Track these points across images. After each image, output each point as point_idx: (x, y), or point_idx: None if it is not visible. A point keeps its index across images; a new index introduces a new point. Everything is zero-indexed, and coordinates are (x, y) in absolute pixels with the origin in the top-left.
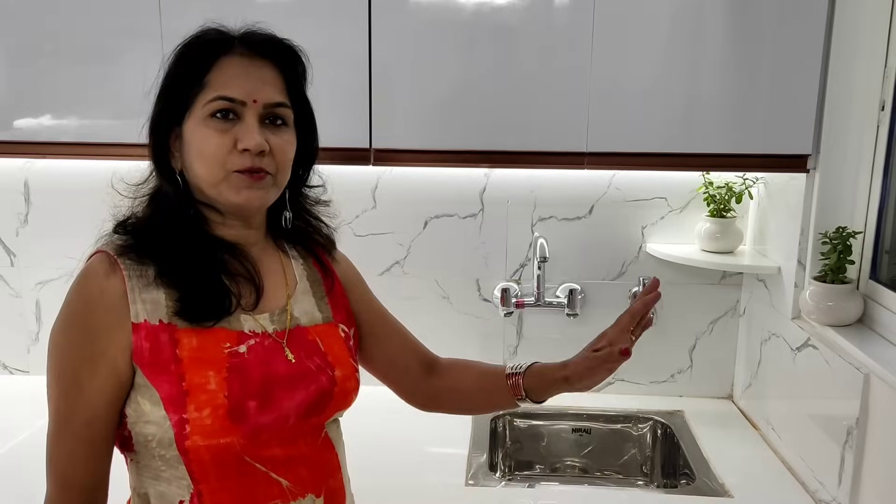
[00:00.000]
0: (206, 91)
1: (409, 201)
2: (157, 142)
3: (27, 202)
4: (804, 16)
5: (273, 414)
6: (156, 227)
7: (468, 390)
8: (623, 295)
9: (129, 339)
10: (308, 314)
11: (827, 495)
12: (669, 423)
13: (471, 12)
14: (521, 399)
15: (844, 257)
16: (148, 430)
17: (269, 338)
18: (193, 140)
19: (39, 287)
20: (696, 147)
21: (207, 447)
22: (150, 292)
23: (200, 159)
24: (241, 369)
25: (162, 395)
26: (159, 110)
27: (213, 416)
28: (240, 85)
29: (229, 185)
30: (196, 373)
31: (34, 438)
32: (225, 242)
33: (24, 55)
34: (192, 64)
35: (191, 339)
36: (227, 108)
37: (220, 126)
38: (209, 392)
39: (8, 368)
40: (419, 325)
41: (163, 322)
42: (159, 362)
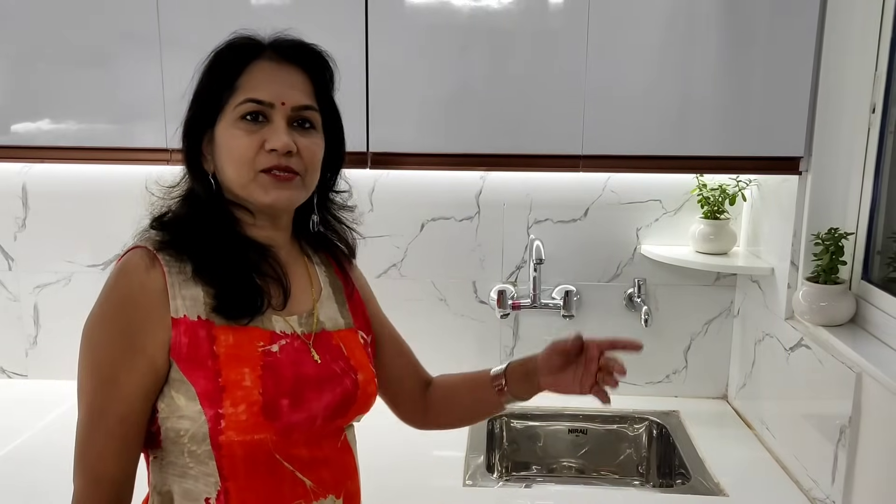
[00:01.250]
0: (236, 94)
1: (405, 204)
2: (190, 145)
3: (25, 206)
4: (796, 19)
5: (303, 413)
6: (191, 225)
7: (459, 400)
8: (618, 296)
9: (168, 334)
10: (332, 319)
11: (821, 493)
12: (665, 424)
13: (466, 16)
14: (504, 394)
15: (837, 258)
16: (181, 425)
17: (297, 339)
18: (224, 142)
19: (38, 291)
20: (689, 150)
21: (241, 443)
22: (189, 288)
23: (230, 160)
24: (275, 368)
25: (198, 390)
26: (193, 114)
27: (248, 412)
28: (268, 88)
29: (258, 185)
30: (232, 369)
31: (33, 441)
32: (255, 243)
33: (22, 59)
34: (224, 69)
35: (227, 336)
36: (256, 111)
37: (249, 128)
38: (245, 388)
39: (6, 372)
40: (416, 328)
41: (201, 318)
42: (197, 357)
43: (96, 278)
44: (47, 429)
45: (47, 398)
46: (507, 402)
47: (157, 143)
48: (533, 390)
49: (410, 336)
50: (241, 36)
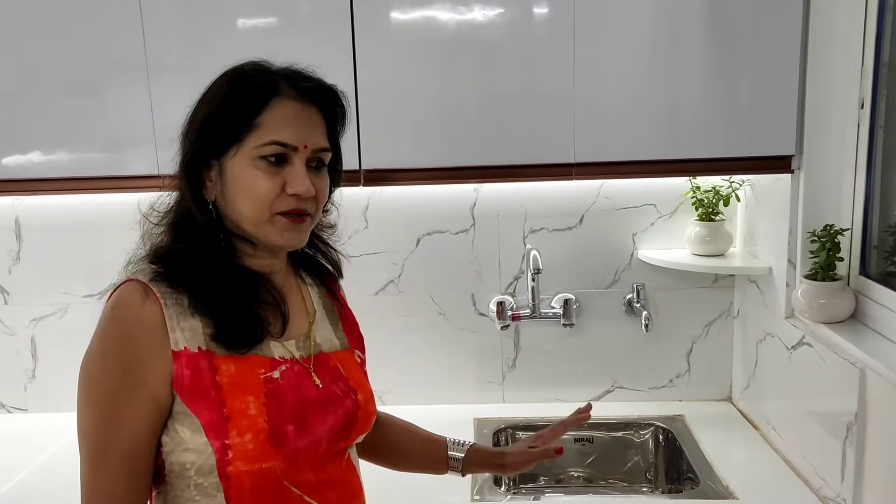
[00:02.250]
0: (258, 132)
1: (400, 220)
2: (192, 172)
3: (18, 239)
4: (780, 18)
5: (309, 438)
6: (185, 255)
7: (406, 450)
8: (618, 302)
9: (170, 368)
10: (328, 341)
11: (831, 492)
12: (671, 428)
13: (453, 30)
14: (455, 472)
15: (833, 255)
16: (187, 458)
17: (297, 363)
18: (241, 178)
19: (34, 324)
20: (681, 153)
21: (249, 472)
22: (188, 319)
23: (247, 199)
24: (277, 394)
25: (203, 422)
26: (201, 142)
27: (254, 441)
28: (293, 130)
29: (273, 227)
30: (236, 398)
31: (34, 477)
32: (252, 272)
33: (9, 92)
34: (243, 102)
35: (229, 365)
36: (280, 154)
37: (270, 169)
38: (250, 417)
39: (6, 407)
40: (417, 343)
41: (201, 349)
42: (200, 389)
43: (93, 308)
44: (48, 463)
45: (48, 432)
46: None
47: (149, 170)
48: (483, 472)
49: (411, 352)
50: (256, 66)
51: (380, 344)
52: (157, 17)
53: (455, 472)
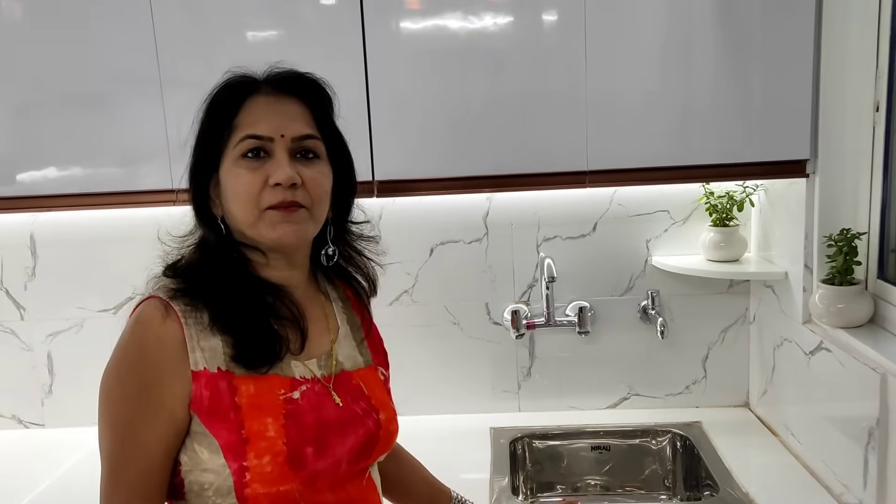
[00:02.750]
0: (235, 133)
1: (413, 230)
2: (197, 190)
3: (34, 255)
4: (792, 19)
5: (328, 460)
6: (204, 271)
7: (412, 489)
8: (632, 309)
9: (188, 388)
10: (351, 359)
11: (853, 498)
12: (688, 435)
13: (464, 39)
14: None
15: (851, 259)
16: (205, 479)
17: (318, 383)
18: (228, 183)
19: (50, 339)
20: (695, 159)
21: (267, 495)
22: (208, 339)
23: (236, 200)
24: (297, 416)
25: (221, 443)
26: (196, 160)
27: (272, 464)
28: (266, 122)
29: (265, 223)
30: (255, 420)
31: (51, 492)
32: (270, 284)
33: (23, 109)
34: (221, 110)
35: (248, 386)
36: (256, 147)
37: (250, 165)
38: (268, 439)
39: (23, 423)
40: (431, 353)
41: (221, 369)
42: (218, 410)
43: (108, 323)
44: (65, 477)
45: (65, 446)
46: None
47: (163, 185)
48: None
49: (426, 361)
50: (235, 74)
51: (394, 354)
52: (169, 32)
53: None
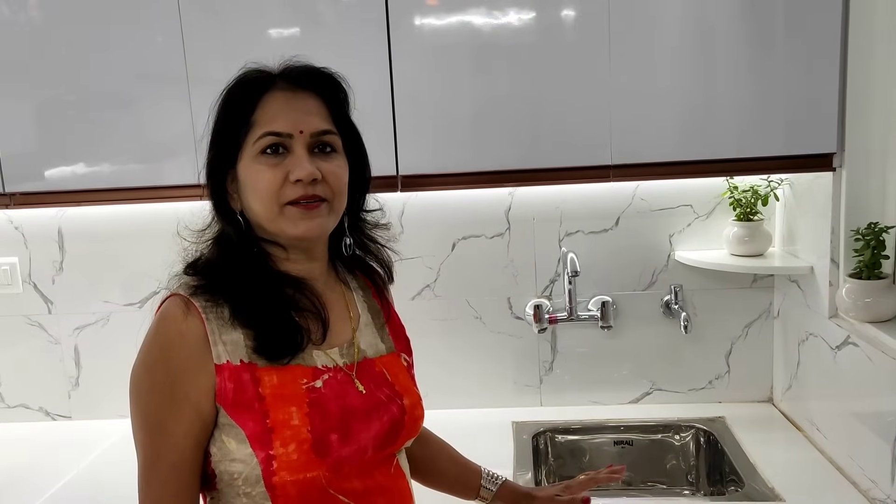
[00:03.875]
0: (253, 130)
1: (435, 224)
2: (214, 186)
3: (62, 250)
4: (819, 14)
5: (353, 446)
6: (224, 266)
7: (441, 470)
8: (655, 304)
9: (213, 381)
10: (373, 346)
11: (881, 493)
12: (711, 430)
13: (489, 35)
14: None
15: (879, 253)
16: (234, 468)
17: (340, 371)
18: (248, 179)
19: (77, 332)
20: (720, 153)
21: (294, 482)
22: (229, 333)
23: (255, 196)
24: (320, 404)
25: (247, 433)
26: (213, 156)
27: (298, 451)
28: (285, 118)
29: (286, 219)
30: (279, 409)
31: (78, 481)
32: (291, 278)
33: (53, 105)
34: (238, 106)
35: (271, 376)
36: (275, 143)
37: (270, 161)
38: (293, 428)
39: (50, 415)
40: (454, 347)
41: (244, 362)
42: (243, 401)
43: (134, 317)
44: (91, 466)
45: (91, 438)
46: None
47: (190, 180)
48: None
49: (448, 355)
50: (250, 70)
51: (416, 348)
52: (196, 30)
53: (481, 502)
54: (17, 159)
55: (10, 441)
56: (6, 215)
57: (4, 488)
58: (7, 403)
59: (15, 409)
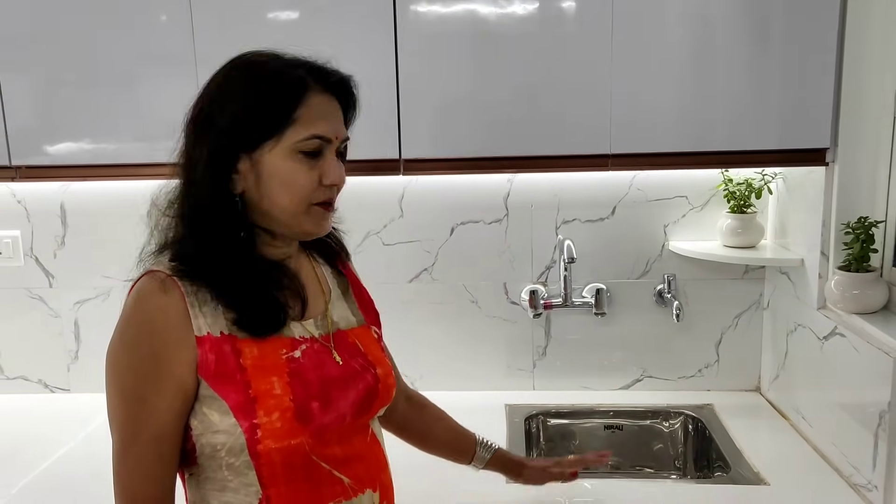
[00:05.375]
0: (296, 127)
1: (435, 209)
2: (220, 165)
3: (64, 224)
4: (817, 8)
5: (333, 413)
6: (204, 251)
7: (436, 437)
8: (649, 292)
9: (194, 353)
10: (345, 319)
11: (862, 479)
12: (700, 417)
13: (493, 22)
14: (475, 467)
15: (868, 246)
16: (217, 440)
17: (317, 342)
18: (280, 172)
19: (78, 307)
20: (716, 145)
21: (279, 449)
22: (209, 304)
23: (287, 192)
24: (300, 373)
25: (230, 404)
26: (232, 136)
27: (282, 419)
28: (327, 124)
29: (309, 217)
30: (261, 380)
31: (76, 451)
32: (270, 261)
33: (63, 81)
34: (280, 97)
35: (251, 348)
36: (318, 147)
37: (308, 162)
38: (276, 397)
39: (49, 387)
40: (449, 330)
41: (224, 333)
42: (225, 372)
43: None
44: (88, 438)
45: (88, 410)
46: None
47: None
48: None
49: (444, 338)
50: (288, 62)
51: (413, 330)
52: (205, 12)
53: (475, 467)
54: (23, 133)
55: (8, 412)
56: (10, 189)
57: (3, 458)
58: (6, 375)
59: (14, 380)
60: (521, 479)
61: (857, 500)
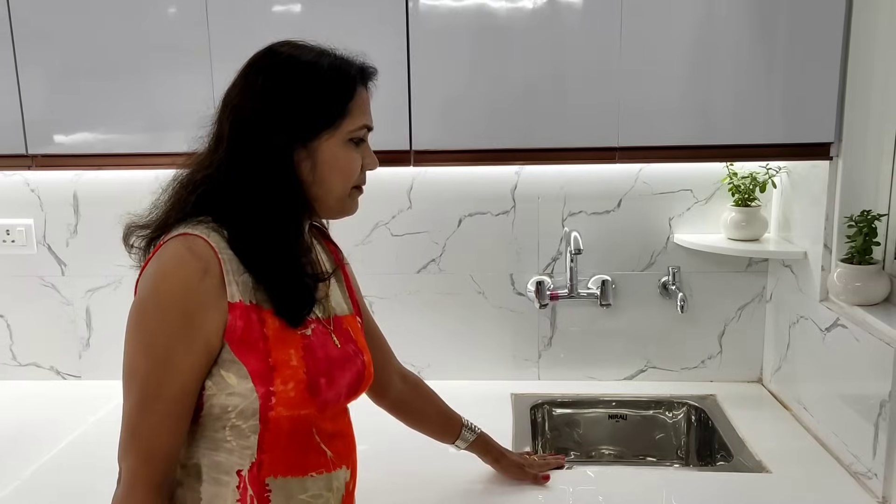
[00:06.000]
0: (350, 118)
1: (443, 201)
2: (283, 153)
3: (76, 213)
4: (823, 5)
5: (334, 391)
6: (261, 230)
7: (427, 417)
8: (653, 284)
9: (224, 318)
10: (340, 305)
11: (862, 467)
12: (702, 407)
13: (504, 16)
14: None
15: (870, 239)
16: (230, 402)
17: (321, 323)
18: (334, 159)
19: (89, 295)
20: (723, 139)
21: (289, 417)
22: (241, 274)
23: (340, 175)
24: (312, 349)
25: (250, 369)
26: (294, 126)
27: (296, 390)
28: (369, 114)
29: (351, 199)
30: (281, 350)
31: (86, 436)
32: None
33: (79, 72)
34: (337, 92)
35: (273, 320)
36: (365, 136)
37: (357, 149)
38: (292, 368)
39: (61, 374)
40: (456, 321)
41: (252, 303)
42: (249, 339)
43: None
44: (99, 423)
45: (99, 397)
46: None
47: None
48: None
49: (450, 329)
50: (346, 60)
51: (420, 320)
52: (221, 3)
53: (457, 447)
54: (39, 123)
55: (20, 398)
56: (24, 178)
57: (14, 442)
58: (19, 361)
59: (26, 367)
60: (497, 467)
61: (857, 488)
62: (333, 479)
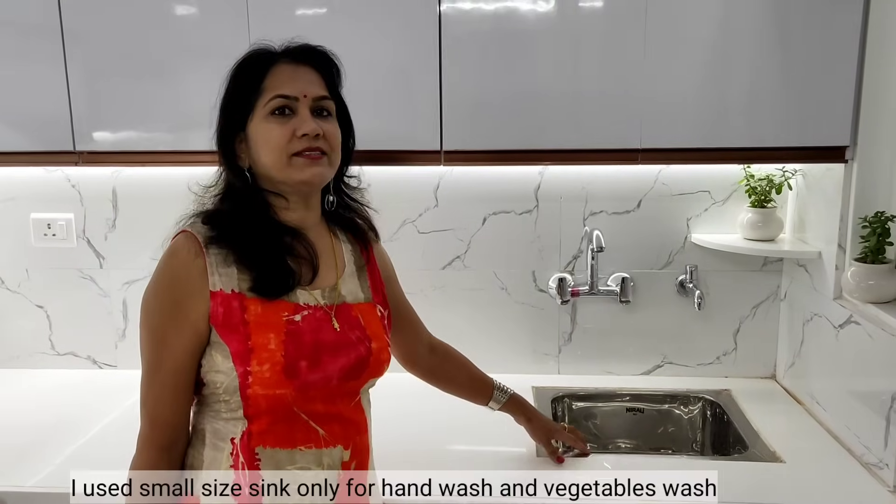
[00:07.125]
0: (264, 94)
1: (468, 199)
2: (225, 146)
3: (115, 209)
4: (840, 7)
5: (320, 374)
6: (231, 216)
7: (459, 382)
8: (671, 282)
9: (208, 305)
10: (353, 293)
11: (873, 458)
12: (718, 402)
13: (533, 21)
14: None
15: (884, 239)
16: (217, 378)
17: (320, 310)
18: (259, 136)
19: (126, 287)
20: (741, 142)
21: (265, 396)
22: (225, 267)
23: (267, 149)
24: (296, 335)
25: (231, 351)
26: (225, 120)
27: (271, 371)
28: (291, 85)
29: (293, 167)
30: (260, 334)
31: (118, 421)
32: (288, 227)
33: (117, 72)
34: (249, 75)
35: (256, 306)
36: (284, 105)
37: (280, 121)
38: (269, 351)
39: (98, 363)
40: (480, 316)
41: (234, 291)
42: (231, 324)
43: None
44: (132, 408)
45: (133, 385)
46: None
47: None
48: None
49: (474, 323)
50: (258, 48)
51: (445, 315)
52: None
53: (491, 408)
54: (85, 120)
55: (59, 387)
56: (65, 174)
57: (53, 428)
58: (57, 351)
59: (64, 356)
60: (528, 427)
61: (869, 477)
62: (324, 456)
